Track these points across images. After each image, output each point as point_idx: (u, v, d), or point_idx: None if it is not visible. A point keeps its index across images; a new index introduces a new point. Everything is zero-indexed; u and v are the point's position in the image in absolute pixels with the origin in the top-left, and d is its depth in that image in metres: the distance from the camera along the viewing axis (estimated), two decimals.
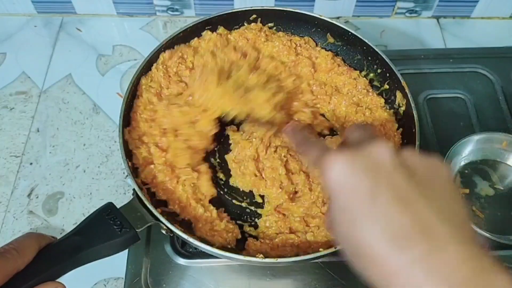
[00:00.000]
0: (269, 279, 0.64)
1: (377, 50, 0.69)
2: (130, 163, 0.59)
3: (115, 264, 0.66)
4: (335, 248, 0.53)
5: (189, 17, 0.96)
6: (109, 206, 0.53)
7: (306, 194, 0.62)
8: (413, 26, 0.97)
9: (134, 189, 0.56)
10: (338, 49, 0.75)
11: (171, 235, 0.55)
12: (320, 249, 0.54)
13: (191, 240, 0.53)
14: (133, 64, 0.89)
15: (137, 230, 0.52)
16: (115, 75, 0.88)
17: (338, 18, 0.97)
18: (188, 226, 0.59)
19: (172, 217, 0.59)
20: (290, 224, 0.60)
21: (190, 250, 0.66)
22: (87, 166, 0.77)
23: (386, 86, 0.70)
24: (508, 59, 0.87)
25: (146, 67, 0.67)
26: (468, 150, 0.73)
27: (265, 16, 0.75)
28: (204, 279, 0.64)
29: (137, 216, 0.53)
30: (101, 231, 0.51)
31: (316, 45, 0.76)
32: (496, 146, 0.73)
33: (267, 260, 0.52)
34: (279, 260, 0.53)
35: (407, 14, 0.97)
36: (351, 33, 0.72)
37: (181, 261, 0.65)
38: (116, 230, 0.51)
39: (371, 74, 0.72)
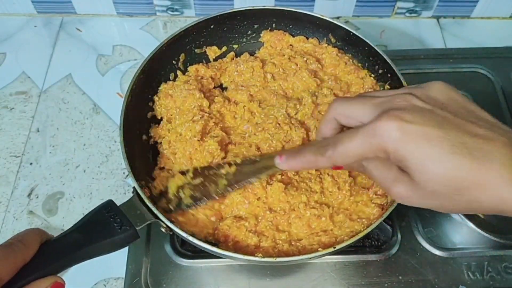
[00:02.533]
0: (269, 279, 0.64)
1: (378, 50, 0.69)
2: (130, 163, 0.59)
3: (115, 264, 0.66)
4: (334, 248, 0.53)
5: (189, 17, 0.96)
6: (109, 204, 0.53)
7: (334, 193, 0.61)
8: (413, 26, 0.97)
9: (134, 187, 0.56)
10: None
11: (171, 233, 0.55)
12: (319, 249, 0.54)
13: (190, 238, 0.53)
14: (133, 64, 0.89)
15: (137, 228, 0.52)
16: (115, 75, 0.88)
17: (338, 18, 0.97)
18: None
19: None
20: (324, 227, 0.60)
21: (190, 249, 0.66)
22: (87, 166, 0.77)
23: (388, 87, 0.70)
24: (508, 59, 0.88)
25: (147, 68, 0.67)
26: None
27: (265, 16, 0.75)
28: (204, 279, 0.64)
29: (137, 214, 0.53)
30: (101, 228, 0.50)
31: (319, 42, 0.76)
32: None
33: (265, 259, 0.52)
34: (278, 259, 0.53)
35: (407, 14, 0.97)
36: (353, 33, 0.71)
37: (181, 261, 0.65)
38: (116, 227, 0.51)
39: (372, 75, 0.72)
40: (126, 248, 0.65)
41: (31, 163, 0.77)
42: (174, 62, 0.72)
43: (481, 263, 0.65)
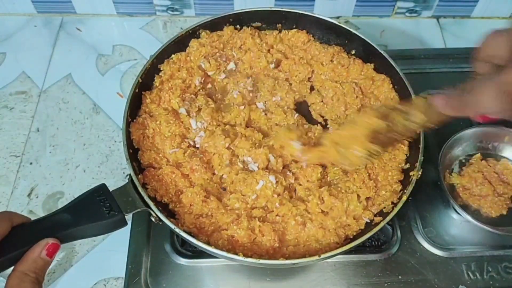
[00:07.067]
0: (269, 279, 0.64)
1: (383, 52, 0.70)
2: (130, 150, 0.60)
3: (115, 264, 0.66)
4: (333, 251, 0.54)
5: (189, 17, 0.96)
6: (102, 188, 0.53)
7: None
8: (413, 25, 0.97)
9: (129, 174, 0.56)
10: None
11: (160, 222, 0.55)
12: (319, 254, 0.55)
13: (177, 230, 0.53)
14: (133, 64, 0.89)
15: (125, 215, 0.52)
16: (115, 75, 0.88)
17: (338, 18, 0.97)
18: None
19: (163, 206, 0.59)
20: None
21: (190, 249, 0.66)
22: (87, 166, 0.77)
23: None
24: None
25: (151, 68, 0.68)
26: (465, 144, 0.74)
27: (266, 17, 0.75)
28: (204, 279, 0.64)
29: (128, 201, 0.54)
30: (90, 211, 0.51)
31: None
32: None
33: (262, 261, 0.53)
34: (275, 262, 0.53)
35: (407, 14, 0.97)
36: (353, 33, 0.72)
37: (181, 261, 0.65)
38: (104, 212, 0.51)
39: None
40: (126, 248, 0.66)
41: (31, 163, 0.77)
42: None
43: (481, 263, 0.66)
